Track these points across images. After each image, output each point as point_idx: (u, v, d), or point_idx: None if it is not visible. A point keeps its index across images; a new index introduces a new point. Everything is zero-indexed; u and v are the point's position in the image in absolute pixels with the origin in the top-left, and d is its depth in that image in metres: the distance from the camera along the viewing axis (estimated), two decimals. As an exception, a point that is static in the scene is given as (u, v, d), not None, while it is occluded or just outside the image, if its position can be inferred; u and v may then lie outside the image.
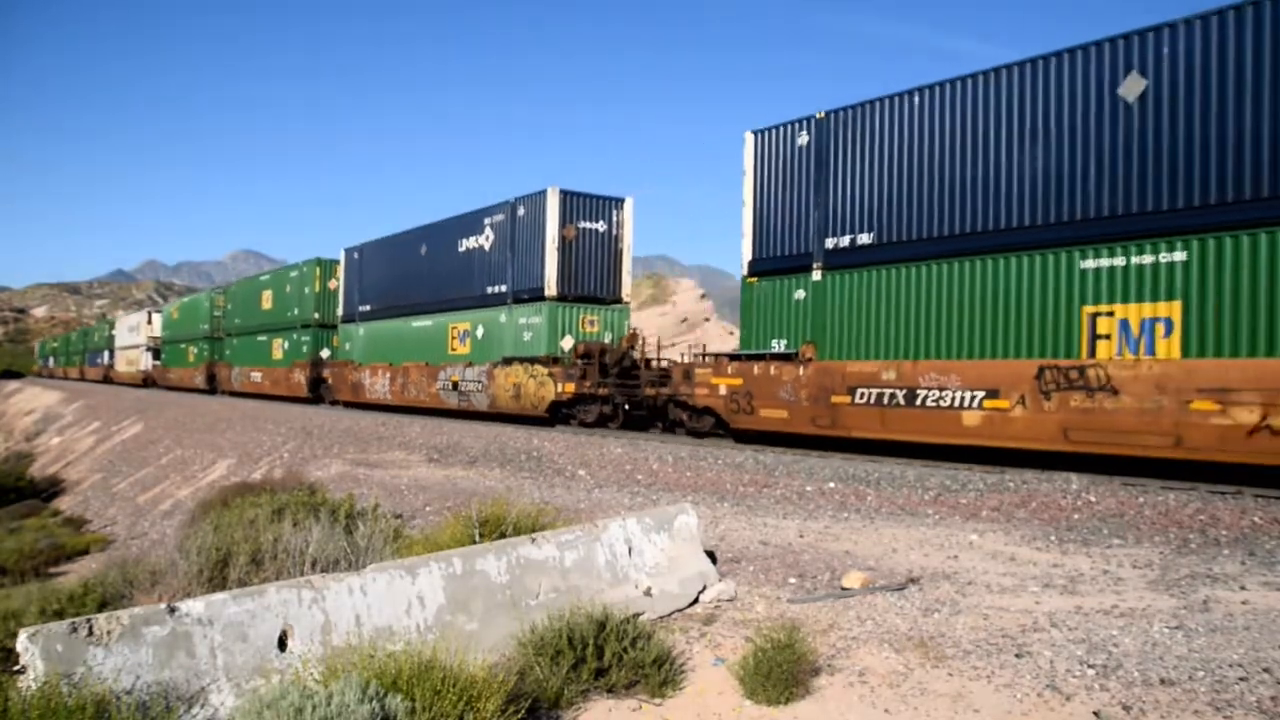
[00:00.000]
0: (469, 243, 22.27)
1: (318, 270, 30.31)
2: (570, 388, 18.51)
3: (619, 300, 20.72)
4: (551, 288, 19.44)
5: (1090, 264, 11.11)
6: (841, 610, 5.98)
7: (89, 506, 22.09)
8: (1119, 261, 10.86)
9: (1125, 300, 10.80)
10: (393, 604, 4.68)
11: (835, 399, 13.72)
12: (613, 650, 4.77)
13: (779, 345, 14.94)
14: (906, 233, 13.22)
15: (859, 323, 13.77)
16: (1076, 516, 8.98)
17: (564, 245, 19.50)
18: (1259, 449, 9.40)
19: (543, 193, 19.76)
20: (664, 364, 18.07)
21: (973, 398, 12.06)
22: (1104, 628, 5.34)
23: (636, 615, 5.46)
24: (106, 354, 63.03)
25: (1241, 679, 4.43)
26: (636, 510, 9.04)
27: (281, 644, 4.20)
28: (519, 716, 3.95)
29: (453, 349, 22.54)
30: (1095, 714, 4.15)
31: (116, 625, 3.73)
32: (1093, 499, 9.37)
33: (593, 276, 20.21)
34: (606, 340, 19.77)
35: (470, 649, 4.26)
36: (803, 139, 14.72)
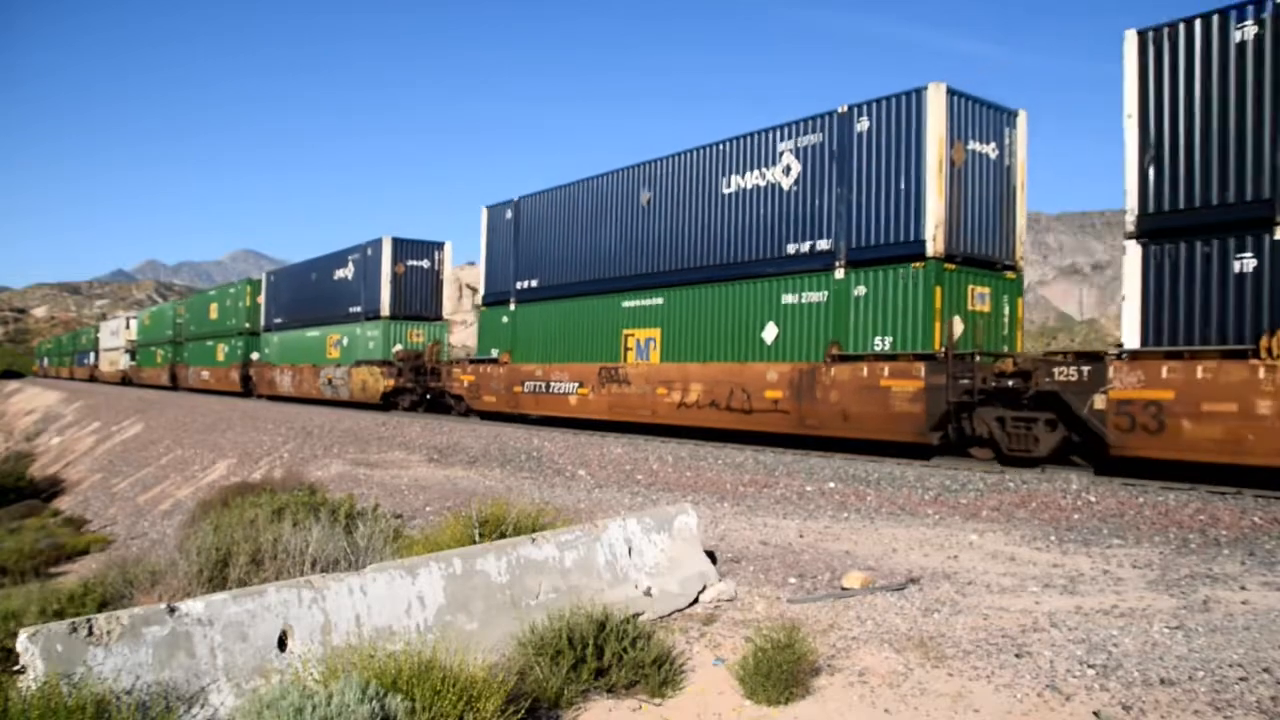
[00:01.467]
0: (340, 273, 29.35)
1: (249, 289, 37.45)
2: (392, 383, 25.58)
3: (439, 318, 27.88)
4: (386, 309, 26.50)
5: (627, 304, 17.71)
6: (841, 610, 5.98)
7: (89, 506, 22.08)
8: (637, 303, 17.51)
9: (639, 327, 17.42)
10: (393, 604, 4.68)
11: (515, 389, 20.64)
12: (613, 650, 4.77)
13: (495, 353, 21.77)
14: (551, 279, 20.13)
15: (530, 338, 20.65)
16: (1076, 516, 8.98)
17: (395, 278, 26.59)
18: (680, 415, 16.04)
19: (380, 240, 26.89)
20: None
21: (573, 387, 18.76)
22: (1104, 628, 5.34)
23: (636, 615, 5.46)
24: (92, 355, 68.75)
25: (1241, 679, 4.43)
26: (636, 510, 9.04)
27: (281, 644, 4.20)
28: (519, 716, 3.95)
29: (329, 354, 29.46)
30: (1095, 714, 4.15)
31: (116, 625, 3.73)
32: (1093, 499, 9.37)
33: (418, 301, 27.21)
34: (424, 348, 26.54)
35: (470, 649, 4.26)
36: (509, 214, 21.63)
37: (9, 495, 24.10)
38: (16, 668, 3.54)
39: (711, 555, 7.18)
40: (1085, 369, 10.73)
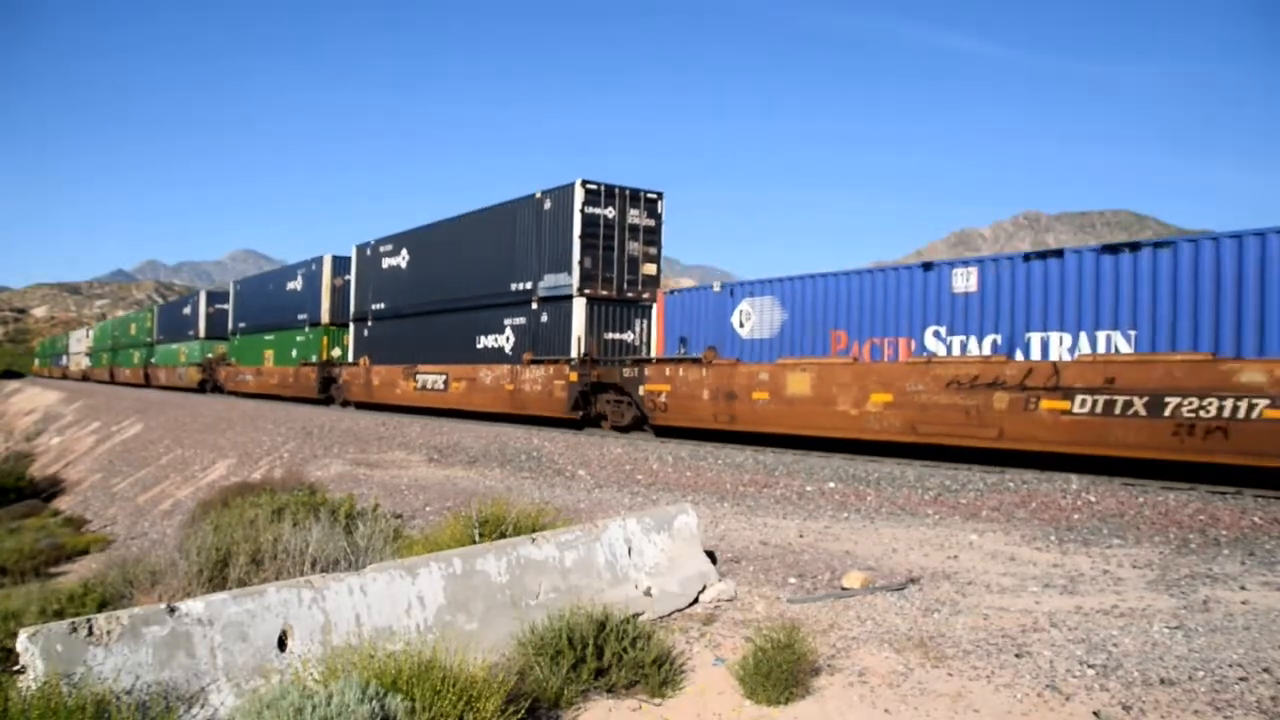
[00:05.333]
0: (185, 310, 48.99)
1: (149, 315, 57.90)
2: (201, 376, 43.32)
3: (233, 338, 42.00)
4: (202, 332, 45.00)
5: (266, 337, 35.95)
6: (841, 610, 5.98)
7: (89, 506, 22.08)
8: (267, 337, 35.93)
9: (268, 349, 35.55)
10: (393, 604, 4.68)
11: (239, 379, 38.41)
12: (613, 650, 4.77)
13: (233, 359, 39.59)
14: (248, 322, 38.14)
15: (242, 352, 38.23)
16: (1076, 516, 8.98)
17: (208, 315, 44.69)
18: (275, 389, 34.21)
19: (199, 292, 47.75)
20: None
21: (251, 377, 37.02)
22: (1104, 628, 5.34)
23: (636, 615, 5.46)
24: (65, 357, 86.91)
25: (1241, 679, 4.43)
26: (636, 510, 9.03)
27: (281, 644, 4.20)
28: (519, 716, 3.95)
29: (179, 359, 48.20)
30: (1095, 714, 4.15)
31: (116, 625, 3.72)
32: (1092, 499, 9.37)
33: (220, 328, 43.10)
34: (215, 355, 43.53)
35: (470, 649, 4.26)
36: (237, 287, 41.09)
37: (9, 495, 24.09)
38: (16, 668, 3.54)
39: (711, 555, 7.17)
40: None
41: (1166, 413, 10.06)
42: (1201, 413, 9.79)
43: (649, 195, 19.94)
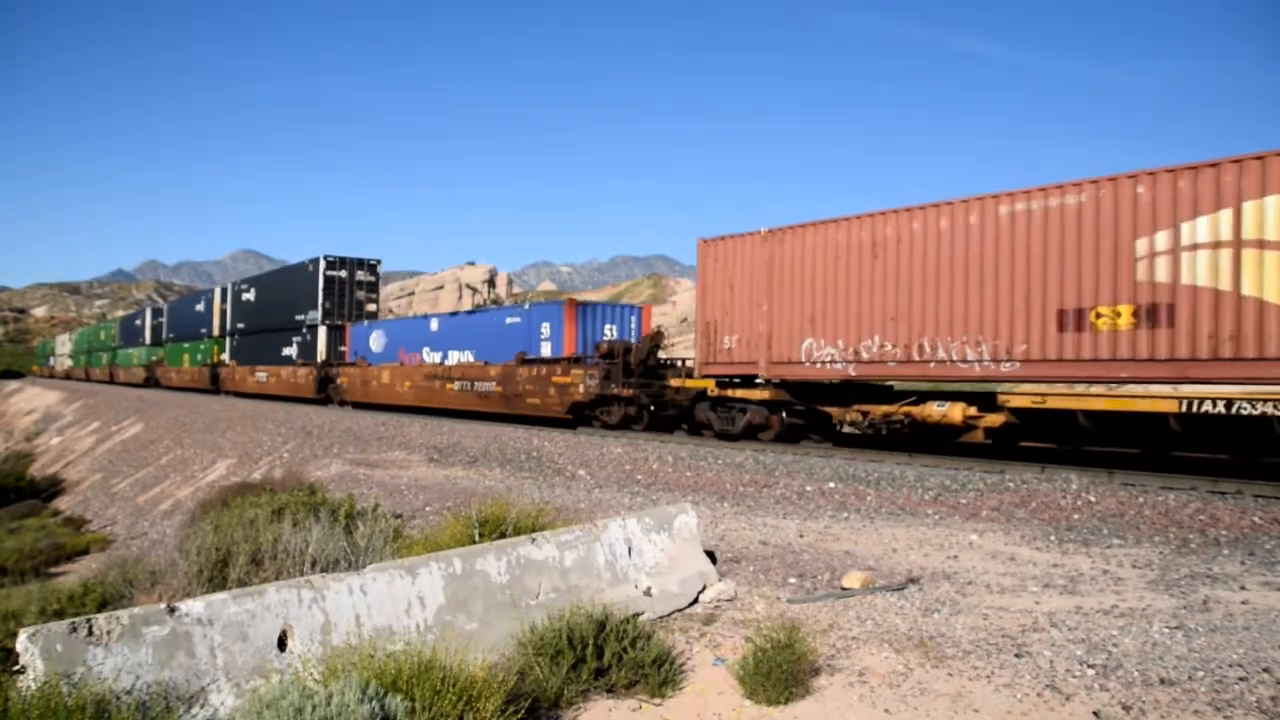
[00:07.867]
0: (137, 322, 60.07)
1: (115, 324, 69.60)
2: (146, 374, 53.67)
3: (166, 345, 52.89)
4: (148, 340, 55.85)
5: (184, 345, 50.00)
6: (841, 610, 5.98)
7: (89, 506, 22.08)
8: (183, 344, 49.72)
9: (185, 355, 48.48)
10: (393, 604, 4.68)
11: (169, 376, 50.03)
12: (613, 650, 4.77)
13: (166, 362, 52.89)
14: (174, 335, 52.30)
15: (172, 357, 50.83)
16: (1076, 516, 8.98)
17: (152, 328, 54.81)
18: (186, 383, 47.14)
19: (145, 309, 60.46)
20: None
21: (175, 375, 49.02)
22: (1104, 628, 5.34)
23: (636, 615, 5.46)
24: (52, 359, 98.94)
25: (1241, 679, 4.43)
26: (636, 510, 9.04)
27: (281, 644, 4.20)
28: (519, 716, 3.95)
29: (133, 361, 58.22)
30: (1095, 714, 4.15)
31: (116, 625, 3.72)
32: (1093, 499, 9.37)
33: (160, 336, 53.82)
34: (155, 357, 53.71)
35: (470, 649, 4.26)
36: (146, 305, 64.06)
37: (9, 495, 24.11)
38: (16, 668, 3.54)
39: (711, 555, 7.18)
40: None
41: (475, 388, 22.41)
42: (485, 387, 21.96)
43: (370, 262, 33.42)
